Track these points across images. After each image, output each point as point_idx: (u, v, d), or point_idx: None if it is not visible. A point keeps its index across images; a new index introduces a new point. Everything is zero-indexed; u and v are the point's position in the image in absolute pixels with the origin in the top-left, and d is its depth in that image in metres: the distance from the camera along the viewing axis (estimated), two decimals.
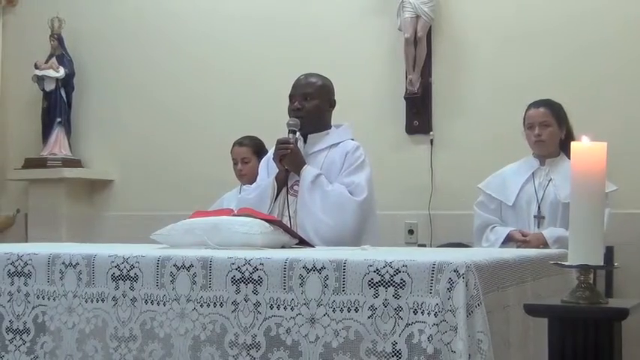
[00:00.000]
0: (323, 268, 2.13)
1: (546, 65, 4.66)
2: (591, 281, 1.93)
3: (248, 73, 5.37)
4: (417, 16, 4.84)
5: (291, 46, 5.22)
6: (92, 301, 2.40)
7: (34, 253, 2.54)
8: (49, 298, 2.48)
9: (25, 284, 2.53)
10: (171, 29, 5.65)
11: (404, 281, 2.05)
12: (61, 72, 5.77)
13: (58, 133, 5.78)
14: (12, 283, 2.55)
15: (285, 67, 4.77)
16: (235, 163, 4.61)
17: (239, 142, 4.63)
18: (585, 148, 1.92)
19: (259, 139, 4.58)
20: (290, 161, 3.52)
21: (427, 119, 4.95)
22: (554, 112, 4.03)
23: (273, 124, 3.95)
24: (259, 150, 4.50)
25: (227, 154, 4.75)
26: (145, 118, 5.71)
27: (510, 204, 4.04)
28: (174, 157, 5.58)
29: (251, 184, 4.30)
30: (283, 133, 3.57)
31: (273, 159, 3.57)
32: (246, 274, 2.21)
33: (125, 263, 2.38)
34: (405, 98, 4.96)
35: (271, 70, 5.20)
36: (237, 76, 5.41)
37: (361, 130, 3.98)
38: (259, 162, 4.10)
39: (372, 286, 2.07)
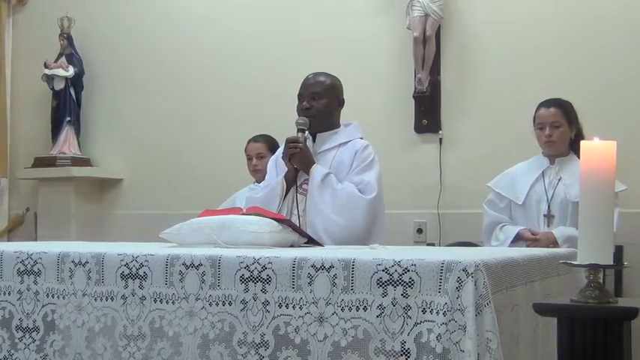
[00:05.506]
0: (332, 267, 2.13)
1: (555, 64, 4.64)
2: (600, 280, 1.93)
3: (255, 73, 5.36)
4: (426, 15, 4.83)
5: (299, 45, 5.21)
6: (101, 299, 2.41)
7: (44, 252, 2.55)
8: (58, 297, 2.48)
9: (35, 283, 2.53)
10: (179, 30, 5.65)
11: (413, 280, 2.04)
12: (71, 71, 5.78)
13: (67, 132, 5.79)
14: (22, 282, 2.55)
15: (292, 66, 4.77)
16: (250, 159, 4.64)
17: (254, 139, 4.68)
18: (595, 147, 1.92)
19: (273, 137, 4.61)
20: (299, 160, 3.51)
21: (436, 118, 4.94)
22: (565, 112, 4.01)
23: (281, 124, 3.95)
24: (273, 146, 4.53)
25: (235, 153, 4.75)
26: (154, 118, 5.71)
27: (520, 203, 4.03)
28: (183, 156, 5.59)
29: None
30: (291, 133, 3.57)
31: (282, 158, 3.57)
32: (255, 272, 2.21)
33: (134, 262, 2.38)
34: (413, 97, 4.95)
35: (279, 69, 5.20)
36: (244, 76, 5.40)
37: (370, 129, 3.97)
38: None
39: (380, 285, 2.07)
